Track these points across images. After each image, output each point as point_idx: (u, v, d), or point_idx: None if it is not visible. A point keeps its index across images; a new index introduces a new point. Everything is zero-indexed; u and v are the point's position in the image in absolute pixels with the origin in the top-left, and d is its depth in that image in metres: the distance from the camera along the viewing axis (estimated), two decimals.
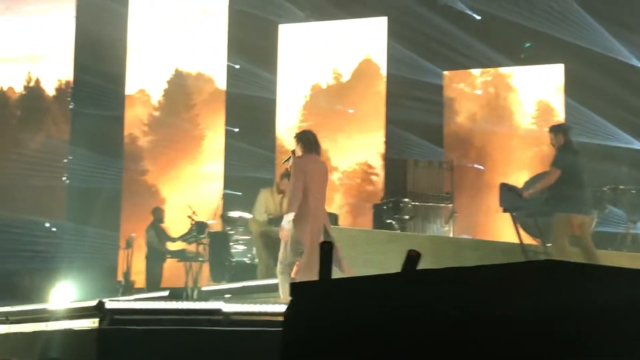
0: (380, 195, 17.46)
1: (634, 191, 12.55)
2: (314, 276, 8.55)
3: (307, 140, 8.70)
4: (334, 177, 18.45)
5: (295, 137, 8.82)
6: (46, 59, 18.88)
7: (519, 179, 16.07)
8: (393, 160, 16.98)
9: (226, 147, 18.36)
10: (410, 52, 17.65)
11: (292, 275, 8.60)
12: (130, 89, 18.92)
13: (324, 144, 18.40)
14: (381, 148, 18.34)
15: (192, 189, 18.12)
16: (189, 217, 13.83)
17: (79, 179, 17.74)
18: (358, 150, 18.52)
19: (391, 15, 18.18)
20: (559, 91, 18.04)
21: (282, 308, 6.82)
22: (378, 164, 18.29)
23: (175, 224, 15.64)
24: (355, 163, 18.47)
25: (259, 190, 11.56)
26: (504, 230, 14.07)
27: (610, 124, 17.00)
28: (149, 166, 19.00)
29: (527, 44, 17.78)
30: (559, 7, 17.27)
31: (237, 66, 18.57)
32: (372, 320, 2.72)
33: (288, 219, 8.45)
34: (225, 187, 17.77)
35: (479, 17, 18.03)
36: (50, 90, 18.95)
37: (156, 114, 19.22)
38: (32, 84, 18.93)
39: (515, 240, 10.48)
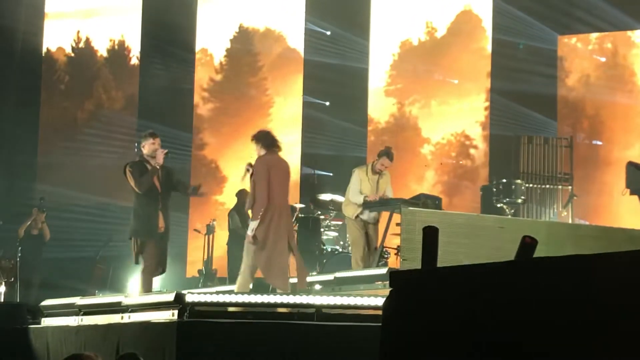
0: (480, 172, 17.63)
1: None
2: (277, 273, 9.58)
3: (266, 138, 9.80)
4: (425, 150, 18.58)
5: (252, 139, 9.86)
6: (97, 15, 19.38)
7: None
8: (501, 137, 17.25)
9: (304, 119, 18.61)
10: (519, 10, 17.68)
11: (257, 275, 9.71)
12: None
13: (414, 109, 18.71)
14: (481, 115, 18.33)
15: None
16: None
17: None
18: (453, 118, 18.53)
19: None
20: None
21: (379, 301, 7.45)
22: (477, 135, 18.30)
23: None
24: (450, 134, 18.50)
25: (351, 171, 12.15)
26: (628, 215, 14.44)
27: None
28: (209, 139, 19.37)
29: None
30: None
31: (329, 32, 18.66)
32: (482, 311, 2.86)
33: (253, 226, 9.47)
34: (304, 164, 17.98)
35: None
36: (102, 51, 19.56)
37: (217, 77, 19.53)
38: (81, 44, 19.62)
39: None
